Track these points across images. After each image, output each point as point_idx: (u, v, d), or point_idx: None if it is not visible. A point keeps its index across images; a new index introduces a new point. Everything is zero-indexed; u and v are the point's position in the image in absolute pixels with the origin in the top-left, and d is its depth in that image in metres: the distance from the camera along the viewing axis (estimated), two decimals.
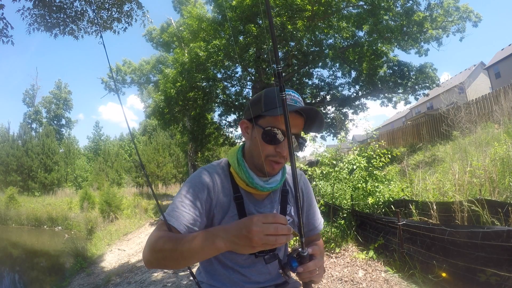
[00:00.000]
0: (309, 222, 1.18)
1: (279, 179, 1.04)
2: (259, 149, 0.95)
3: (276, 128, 0.92)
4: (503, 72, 22.68)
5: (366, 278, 3.22)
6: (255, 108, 0.97)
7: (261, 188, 0.99)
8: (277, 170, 0.98)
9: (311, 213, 1.19)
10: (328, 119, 14.65)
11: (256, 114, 0.96)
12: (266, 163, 0.95)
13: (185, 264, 0.82)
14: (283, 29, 10.07)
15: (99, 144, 40.64)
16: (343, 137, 6.58)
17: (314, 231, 1.19)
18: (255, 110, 0.96)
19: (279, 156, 0.94)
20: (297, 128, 0.96)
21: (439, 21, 11.76)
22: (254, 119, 0.97)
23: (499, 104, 7.61)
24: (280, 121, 0.92)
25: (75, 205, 17.03)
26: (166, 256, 0.82)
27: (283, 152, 0.93)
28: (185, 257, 0.80)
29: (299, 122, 0.96)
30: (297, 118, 0.95)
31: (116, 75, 20.89)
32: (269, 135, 0.93)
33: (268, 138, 0.93)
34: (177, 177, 26.07)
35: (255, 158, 0.98)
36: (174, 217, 0.90)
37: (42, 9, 5.20)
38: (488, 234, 2.25)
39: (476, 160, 4.16)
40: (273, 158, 0.94)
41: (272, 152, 0.94)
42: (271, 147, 0.94)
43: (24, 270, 8.92)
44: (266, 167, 0.95)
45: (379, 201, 4.54)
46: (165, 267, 0.86)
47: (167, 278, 4.37)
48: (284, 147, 0.93)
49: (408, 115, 34.22)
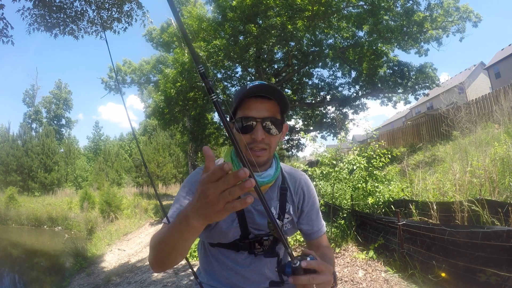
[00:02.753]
0: (312, 224, 1.14)
1: (272, 173, 1.04)
2: (243, 143, 0.97)
3: (245, 117, 0.95)
4: (503, 72, 22.67)
5: (366, 278, 3.22)
6: (231, 107, 1.02)
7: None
8: (262, 157, 0.98)
9: (314, 214, 1.16)
10: (328, 119, 14.65)
11: (231, 111, 1.00)
12: (250, 153, 0.97)
13: (176, 255, 0.79)
14: (283, 29, 10.06)
15: (99, 144, 40.68)
16: (343, 137, 6.57)
17: (318, 233, 1.15)
18: (231, 109, 1.02)
19: (257, 142, 0.96)
20: (268, 112, 0.97)
21: (439, 21, 11.76)
22: (232, 116, 1.01)
23: (499, 104, 7.60)
24: (249, 109, 0.96)
25: (75, 205, 17.03)
26: (158, 251, 0.81)
27: (257, 137, 0.94)
28: (171, 247, 0.76)
29: (267, 105, 0.97)
30: (264, 102, 0.96)
31: (117, 75, 20.91)
32: (242, 125, 0.96)
33: (242, 127, 0.96)
34: (177, 177, 26.07)
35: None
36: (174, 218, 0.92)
37: (42, 9, 5.20)
38: (488, 234, 2.25)
39: (476, 160, 4.16)
40: (252, 145, 0.96)
41: (249, 140, 0.96)
42: (247, 135, 0.96)
43: (24, 270, 8.92)
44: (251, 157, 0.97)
45: (379, 201, 4.54)
46: (163, 265, 0.84)
47: (167, 278, 4.37)
48: (258, 132, 0.95)
49: (408, 115, 34.21)
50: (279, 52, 13.42)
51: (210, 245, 1.10)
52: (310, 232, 1.15)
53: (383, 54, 12.33)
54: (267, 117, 0.96)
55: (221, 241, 1.05)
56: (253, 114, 0.95)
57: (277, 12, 10.42)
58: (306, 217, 1.14)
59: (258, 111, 0.95)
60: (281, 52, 13.45)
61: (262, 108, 0.96)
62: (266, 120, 0.96)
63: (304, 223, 1.14)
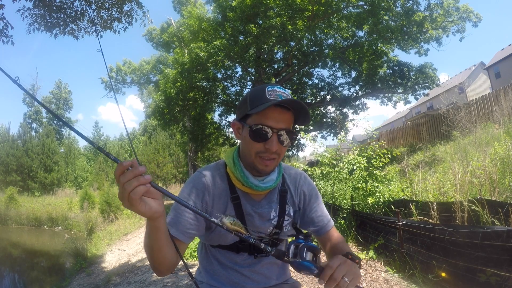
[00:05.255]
0: (319, 220, 1.14)
1: (274, 178, 1.03)
2: (249, 148, 0.95)
3: (262, 125, 0.92)
4: (503, 72, 22.67)
5: (366, 278, 3.22)
6: (242, 108, 0.98)
7: (256, 187, 0.99)
8: (270, 167, 0.97)
9: (319, 210, 1.15)
10: (328, 119, 14.65)
11: (244, 113, 0.97)
12: (258, 161, 0.95)
13: (161, 253, 0.84)
14: (283, 29, 10.07)
15: (99, 144, 40.64)
16: (343, 137, 6.57)
17: (327, 227, 1.14)
18: (242, 110, 0.98)
19: (269, 152, 0.93)
20: (285, 123, 0.94)
21: (439, 21, 11.77)
22: (243, 119, 0.98)
23: (499, 104, 7.61)
24: (266, 118, 0.92)
25: (75, 205, 17.02)
26: (147, 255, 0.87)
27: (272, 148, 0.92)
28: (153, 246, 0.82)
29: (286, 116, 0.94)
30: (283, 113, 0.93)
31: (116, 75, 20.93)
32: (256, 133, 0.93)
33: (256, 135, 0.93)
34: (177, 177, 26.07)
35: (247, 157, 0.98)
36: (173, 226, 0.94)
37: (42, 9, 5.21)
38: (488, 234, 2.24)
39: (476, 160, 4.16)
40: (263, 154, 0.94)
41: (261, 149, 0.94)
42: (260, 144, 0.94)
43: (24, 270, 8.92)
44: (258, 165, 0.96)
45: (379, 201, 4.54)
46: (158, 266, 0.88)
47: (167, 278, 4.37)
48: (273, 142, 0.92)
49: (408, 115, 34.21)
50: (279, 52, 13.44)
51: (211, 245, 1.11)
52: (318, 228, 1.13)
53: (383, 54, 12.34)
54: (283, 128, 0.93)
55: (221, 243, 1.06)
56: (271, 124, 0.92)
57: (277, 12, 10.43)
58: (311, 215, 1.14)
59: (276, 122, 0.92)
60: (281, 52, 13.46)
61: (280, 119, 0.93)
62: (282, 131, 0.93)
63: (310, 220, 1.14)
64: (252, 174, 0.99)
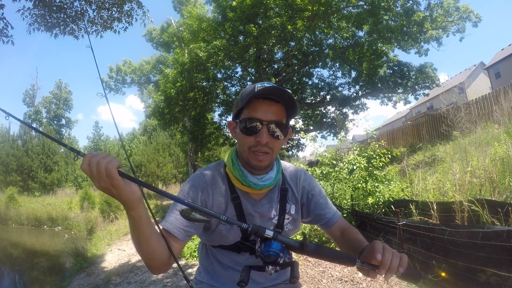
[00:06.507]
0: (325, 213, 1.13)
1: (273, 176, 1.03)
2: (243, 143, 0.96)
3: (251, 118, 0.93)
4: (503, 72, 22.67)
5: (366, 278, 3.22)
6: (236, 106, 1.00)
7: (255, 185, 0.99)
8: (264, 162, 0.96)
9: (323, 204, 1.14)
10: (328, 119, 14.65)
11: (236, 110, 0.99)
12: (251, 156, 0.95)
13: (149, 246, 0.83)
14: (283, 29, 10.06)
15: (99, 144, 40.62)
16: (343, 137, 6.58)
17: (334, 219, 1.13)
18: (235, 108, 1.00)
19: (261, 146, 0.93)
20: (275, 116, 0.94)
21: (439, 21, 11.77)
22: (236, 116, 1.00)
23: (499, 104, 7.60)
24: (255, 111, 0.93)
25: (75, 205, 17.01)
26: (136, 247, 0.86)
27: (262, 141, 0.92)
28: (140, 239, 0.82)
29: (274, 108, 0.94)
30: (272, 105, 0.93)
31: (116, 75, 20.94)
32: (247, 126, 0.94)
33: (246, 129, 0.94)
34: (177, 177, 26.08)
35: (242, 154, 0.99)
36: (169, 222, 0.94)
37: (42, 9, 5.21)
38: (488, 234, 2.25)
39: (476, 160, 4.16)
40: (256, 148, 0.94)
41: (253, 143, 0.94)
42: (251, 138, 0.94)
43: (24, 270, 8.92)
44: (252, 160, 0.96)
45: (379, 201, 4.54)
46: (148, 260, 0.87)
47: (167, 278, 4.37)
48: (263, 135, 0.92)
49: (408, 115, 34.20)
50: (279, 52, 13.43)
51: (212, 245, 1.10)
52: (325, 221, 1.13)
53: (383, 54, 12.34)
54: (273, 121, 0.93)
55: (222, 243, 1.05)
56: (260, 116, 0.92)
57: (277, 12, 10.43)
58: (316, 210, 1.13)
59: (265, 114, 0.93)
60: (281, 52, 13.45)
61: (269, 111, 0.93)
62: (272, 123, 0.93)
63: (315, 215, 1.13)
64: (249, 171, 0.99)
